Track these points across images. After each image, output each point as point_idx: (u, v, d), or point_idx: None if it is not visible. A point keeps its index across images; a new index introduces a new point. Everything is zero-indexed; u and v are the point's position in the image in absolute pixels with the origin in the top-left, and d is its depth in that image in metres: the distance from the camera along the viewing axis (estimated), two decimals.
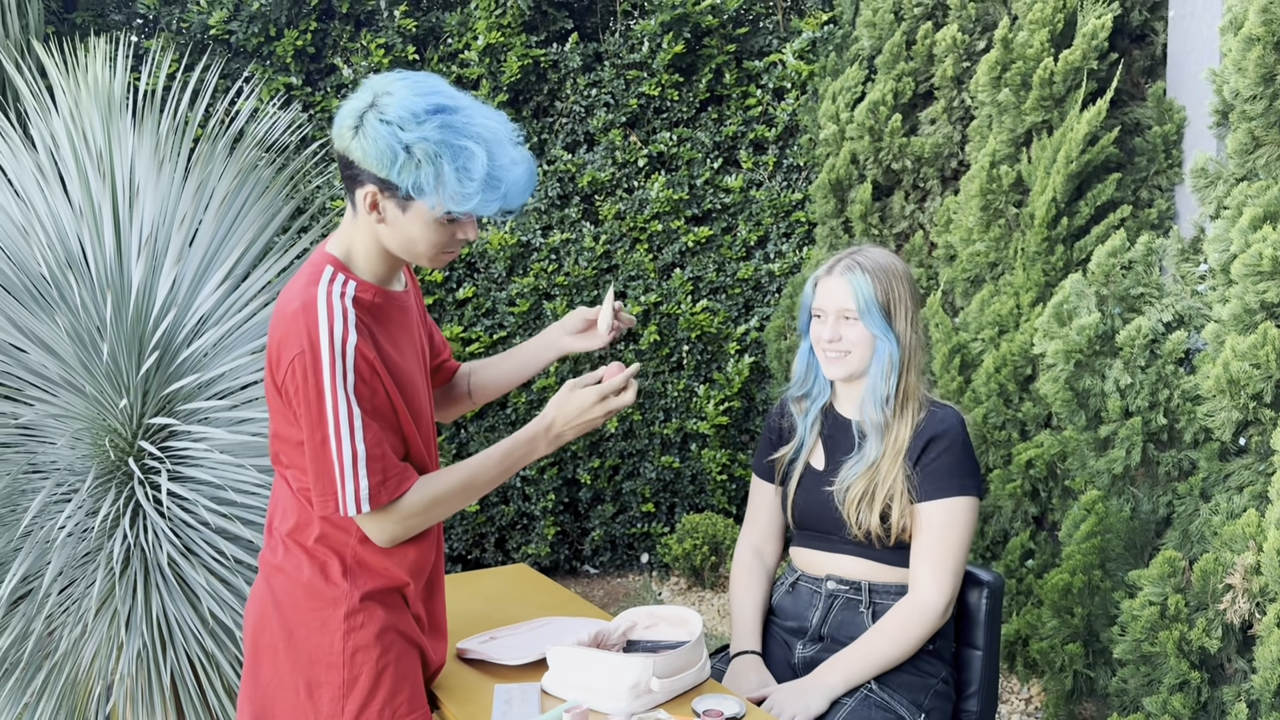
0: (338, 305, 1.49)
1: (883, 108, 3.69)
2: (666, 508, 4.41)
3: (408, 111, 1.44)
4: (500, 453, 1.60)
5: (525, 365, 1.91)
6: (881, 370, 1.89)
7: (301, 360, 1.47)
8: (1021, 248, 3.20)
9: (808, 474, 1.97)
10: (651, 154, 4.22)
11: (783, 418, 2.07)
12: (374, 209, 1.50)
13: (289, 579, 1.57)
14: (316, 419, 1.47)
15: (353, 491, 1.48)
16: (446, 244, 1.54)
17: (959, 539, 1.82)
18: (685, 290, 4.23)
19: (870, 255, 1.94)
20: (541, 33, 4.14)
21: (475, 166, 1.45)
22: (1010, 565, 3.13)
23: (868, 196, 3.73)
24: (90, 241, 2.24)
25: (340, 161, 1.52)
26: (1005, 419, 3.15)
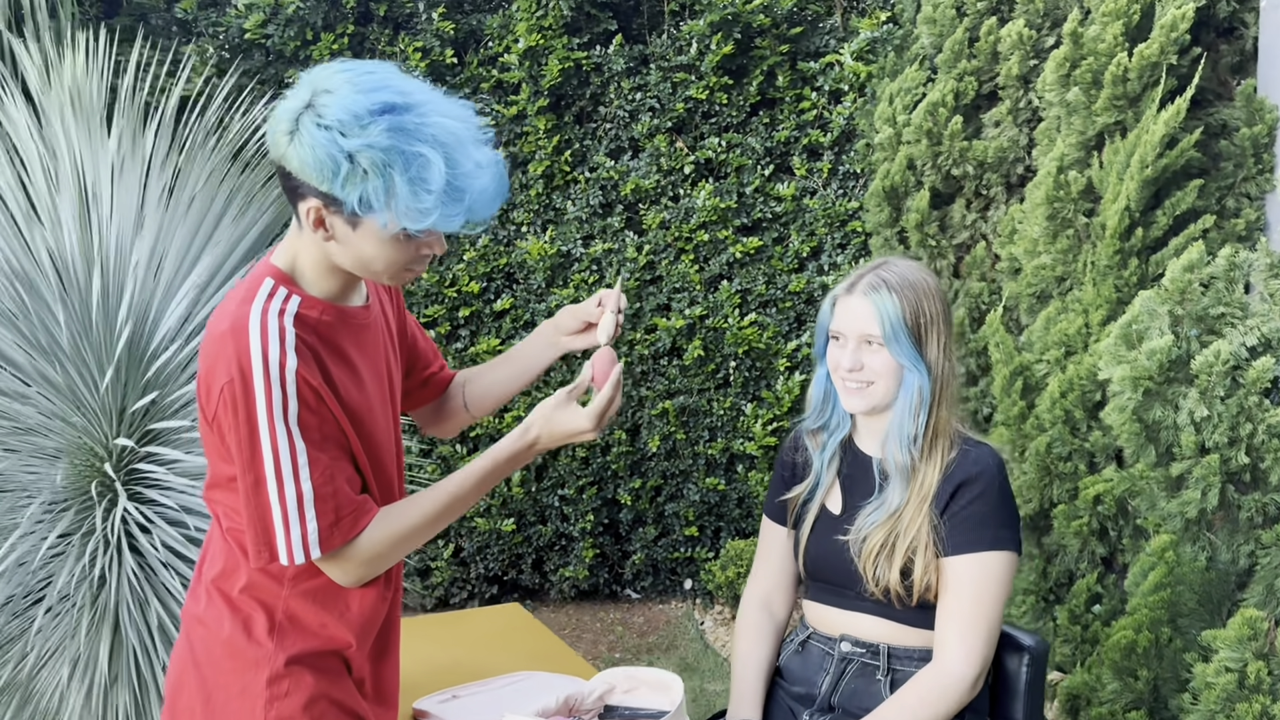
0: (274, 325, 1.31)
1: (942, 109, 3.43)
2: (711, 532, 4.20)
3: (349, 113, 1.25)
4: (479, 473, 1.42)
5: (524, 371, 1.72)
6: (909, 405, 1.66)
7: (231, 389, 1.29)
8: (1091, 261, 2.92)
9: (823, 518, 1.75)
10: (699, 160, 4.02)
11: (796, 452, 1.84)
12: (319, 226, 1.33)
13: (209, 634, 1.40)
14: (250, 458, 1.30)
15: (299, 537, 1.31)
16: (408, 261, 1.36)
17: (992, 599, 1.58)
18: (733, 303, 4.01)
19: (898, 270, 1.70)
20: (584, 35, 3.98)
21: (432, 176, 1.24)
22: (1075, 611, 2.84)
23: (925, 205, 3.47)
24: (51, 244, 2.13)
25: (279, 174, 1.34)
26: (1071, 449, 2.87)
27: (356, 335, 1.44)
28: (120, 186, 2.19)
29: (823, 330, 1.73)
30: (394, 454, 1.51)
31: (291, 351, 1.30)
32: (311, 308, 1.38)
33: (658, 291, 4.05)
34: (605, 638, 3.97)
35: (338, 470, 1.34)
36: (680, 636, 3.95)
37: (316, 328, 1.37)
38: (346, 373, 1.40)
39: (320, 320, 1.38)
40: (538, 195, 3.99)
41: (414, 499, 1.41)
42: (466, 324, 4.05)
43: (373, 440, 1.43)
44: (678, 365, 4.05)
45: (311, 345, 1.35)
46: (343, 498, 1.34)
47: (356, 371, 1.42)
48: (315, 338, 1.36)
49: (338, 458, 1.35)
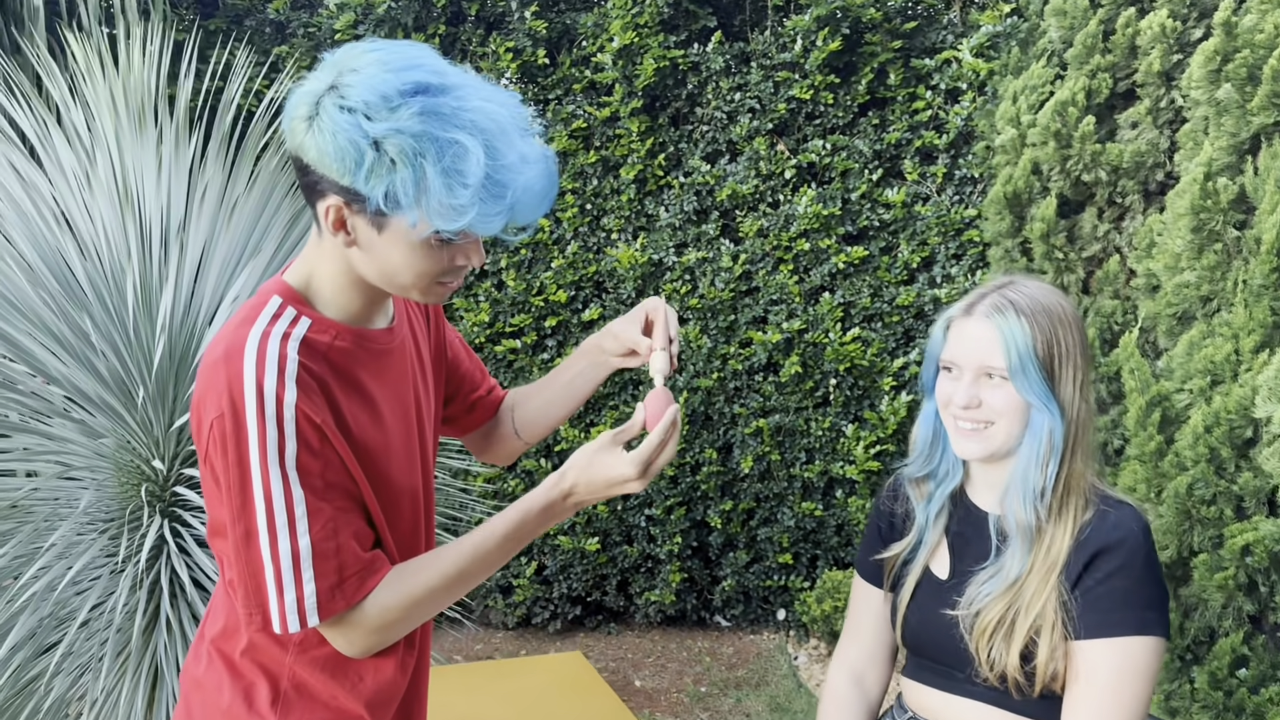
0: (273, 351, 1.14)
1: (1072, 109, 3.11)
2: (807, 560, 3.94)
3: (376, 94, 1.07)
4: (506, 528, 1.21)
5: (572, 393, 1.51)
6: (1037, 453, 1.40)
7: (221, 425, 1.12)
8: (1243, 279, 2.57)
9: (926, 583, 1.50)
10: (801, 164, 3.78)
11: (896, 502, 1.59)
12: (340, 228, 1.15)
13: (207, 700, 1.24)
14: (240, 506, 1.12)
15: (293, 601, 1.14)
16: (441, 272, 1.17)
17: (1134, 695, 1.32)
18: (834, 317, 3.76)
19: (1027, 291, 1.45)
20: (682, 32, 3.78)
21: (469, 167, 1.07)
22: (1216, 674, 2.51)
23: (1051, 213, 3.16)
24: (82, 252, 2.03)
25: (296, 167, 1.17)
26: (1216, 491, 2.54)
27: (377, 362, 1.26)
28: (163, 190, 2.07)
29: (933, 359, 1.49)
30: (419, 498, 1.33)
31: (291, 383, 1.13)
32: (324, 331, 1.20)
33: (754, 303, 3.82)
34: (691, 668, 3.76)
35: (343, 523, 1.16)
36: (771, 671, 3.70)
37: (328, 354, 1.20)
38: (361, 406, 1.22)
39: (333, 346, 1.21)
40: (629, 201, 3.81)
41: (431, 557, 1.22)
42: (553, 334, 3.90)
43: (389, 485, 1.25)
44: (773, 382, 3.81)
45: (319, 375, 1.17)
46: (347, 555, 1.16)
47: (373, 404, 1.24)
48: (325, 366, 1.19)
49: (344, 509, 1.17)
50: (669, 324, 1.36)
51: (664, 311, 1.37)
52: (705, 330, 3.82)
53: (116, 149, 1.99)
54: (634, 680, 3.67)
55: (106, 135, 2.02)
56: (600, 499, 1.22)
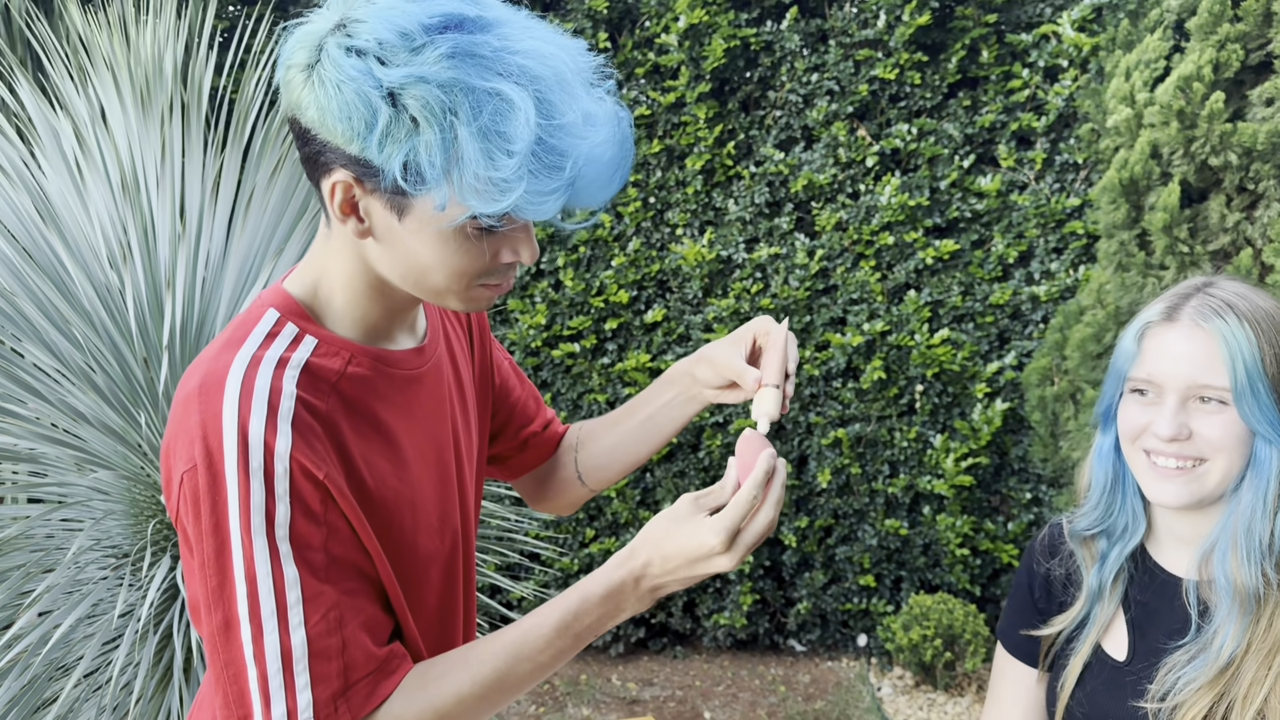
0: (263, 383, 0.89)
1: (1198, 84, 2.77)
2: (891, 582, 3.63)
3: (394, 30, 0.81)
4: (556, 623, 0.93)
5: (653, 430, 1.21)
6: (1263, 496, 1.10)
7: (193, 481, 0.87)
8: None
9: (1098, 666, 1.20)
10: (884, 151, 3.46)
11: (1055, 560, 1.29)
12: (350, 212, 0.89)
13: None
14: (218, 585, 0.87)
15: (283, 714, 0.88)
16: (483, 271, 0.91)
17: None
18: (921, 317, 3.44)
19: (1236, 291, 1.15)
20: (754, 9, 3.49)
21: (516, 129, 0.80)
22: None
23: (1174, 201, 2.82)
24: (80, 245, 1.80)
25: (293, 131, 0.91)
26: None
27: (403, 394, 0.99)
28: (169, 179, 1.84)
29: (1119, 378, 1.18)
30: (451, 567, 1.06)
31: (285, 425, 0.87)
32: (334, 354, 0.94)
33: (831, 303, 3.52)
34: (765, 698, 3.47)
35: (350, 611, 0.90)
36: (853, 704, 3.40)
37: (339, 385, 0.94)
38: (382, 453, 0.96)
39: (345, 374, 0.95)
40: (695, 194, 3.53)
41: (462, 655, 0.95)
42: (614, 337, 3.63)
43: (415, 553, 0.99)
44: (853, 388, 3.50)
45: (325, 414, 0.91)
46: (355, 653, 0.90)
47: (398, 448, 0.98)
48: (335, 400, 0.93)
49: (352, 591, 0.91)
50: (787, 352, 1.07)
51: (782, 336, 1.07)
52: None
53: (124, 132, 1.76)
54: (703, 711, 3.40)
55: (109, 114, 1.79)
56: (681, 582, 0.93)
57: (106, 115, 1.84)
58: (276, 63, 0.92)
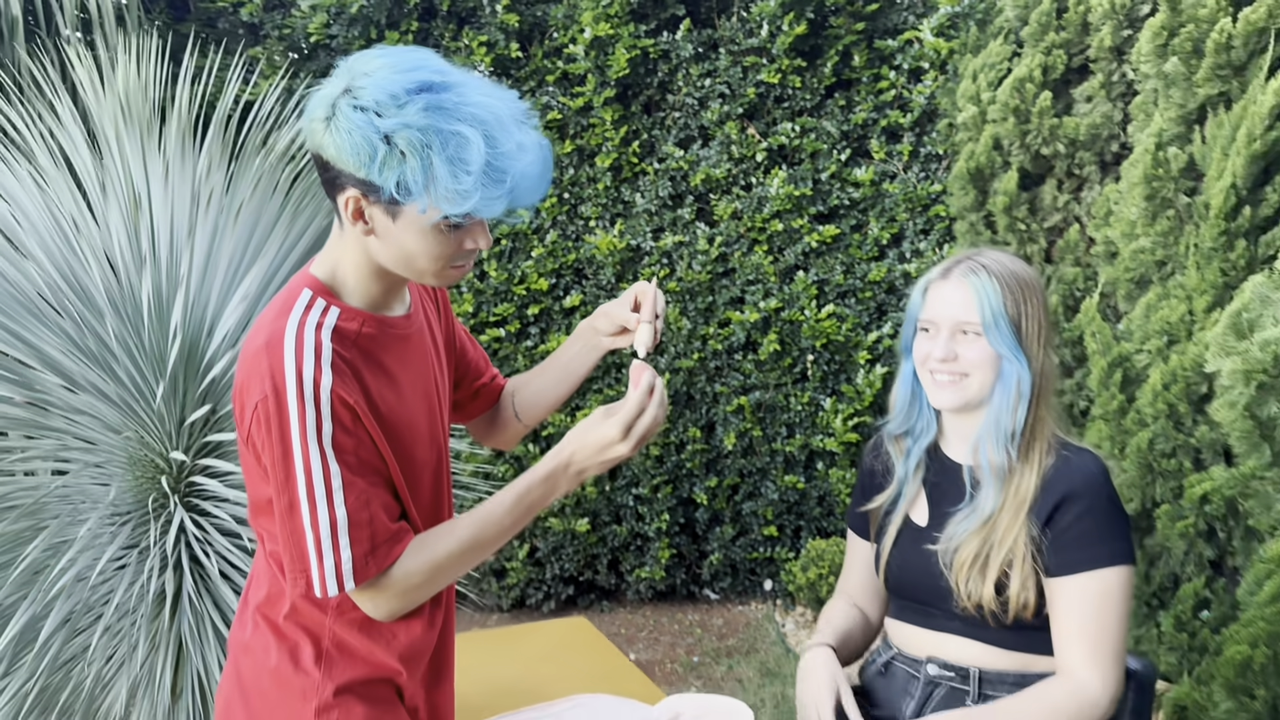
0: (310, 339, 1.25)
1: (1030, 85, 3.24)
2: (791, 531, 4.07)
3: (385, 93, 1.17)
4: (513, 497, 1.31)
5: (567, 375, 1.60)
6: (1008, 400, 1.53)
7: (265, 407, 1.22)
8: (1194, 243, 2.71)
9: (907, 530, 1.62)
10: (771, 147, 3.89)
11: (877, 459, 1.72)
12: (359, 218, 1.25)
13: (256, 662, 1.35)
14: (284, 479, 1.23)
15: (332, 567, 1.24)
16: (453, 256, 1.27)
17: (1116, 618, 1.45)
18: (809, 295, 3.87)
19: (995, 258, 1.58)
20: (651, 21, 3.87)
21: (471, 155, 1.17)
22: (1181, 617, 2.66)
23: (1013, 186, 3.29)
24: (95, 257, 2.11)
25: (316, 164, 1.27)
26: (1175, 445, 2.68)
27: (399, 346, 1.36)
28: (170, 194, 2.16)
29: (911, 320, 1.60)
30: (438, 474, 1.43)
31: (327, 368, 1.23)
32: (351, 319, 1.30)
33: (731, 284, 3.94)
34: (684, 640, 3.88)
35: (373, 496, 1.26)
36: (761, 639, 3.83)
37: (357, 341, 1.30)
38: (387, 387, 1.32)
39: (361, 333, 1.31)
40: (605, 189, 3.91)
41: (448, 526, 1.32)
42: (536, 322, 3.99)
43: (412, 460, 1.35)
44: (753, 360, 3.93)
45: (350, 360, 1.27)
46: (378, 525, 1.26)
47: (398, 385, 1.34)
48: (355, 351, 1.29)
49: (374, 483, 1.27)
50: (656, 302, 1.46)
51: (652, 292, 1.47)
52: (684, 312, 3.93)
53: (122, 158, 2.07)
54: (629, 654, 3.78)
55: (113, 145, 2.10)
56: (596, 466, 1.30)
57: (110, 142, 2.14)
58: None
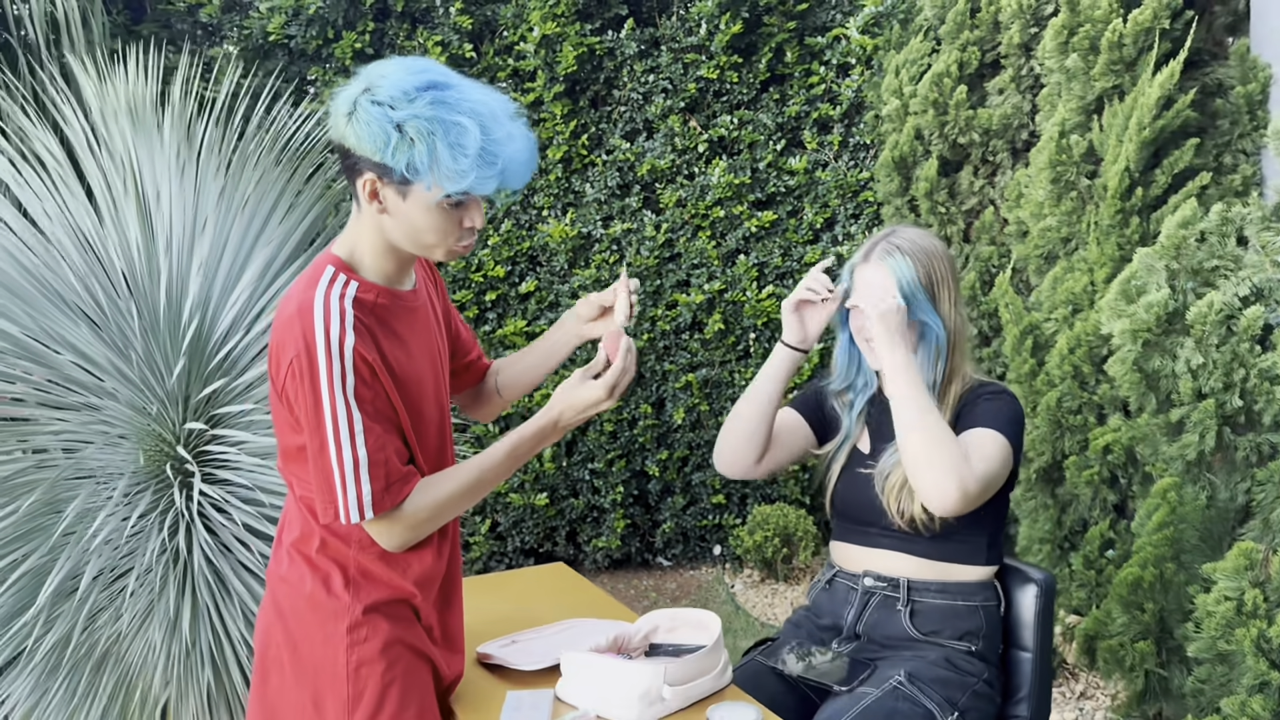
0: (335, 306, 1.46)
1: (947, 79, 3.54)
2: (738, 499, 4.34)
3: (399, 90, 1.41)
4: (507, 448, 1.55)
5: (548, 357, 1.85)
6: (928, 356, 1.80)
7: (298, 363, 1.43)
8: (1095, 221, 3.03)
9: (852, 459, 1.89)
10: (712, 139, 4.14)
11: (823, 404, 1.99)
12: (374, 198, 1.47)
13: (293, 590, 1.56)
14: (315, 424, 1.45)
15: (354, 498, 1.46)
16: (454, 232, 1.50)
17: (996, 460, 1.71)
18: (750, 277, 4.14)
19: (907, 236, 1.84)
20: (596, 20, 4.10)
21: (468, 142, 1.40)
22: (1089, 556, 2.98)
23: (934, 173, 3.59)
24: (118, 247, 2.29)
25: (339, 153, 1.49)
26: (1081, 402, 3.00)
27: (409, 316, 1.58)
28: (178, 190, 2.34)
29: (842, 298, 1.87)
30: (441, 427, 1.65)
31: (350, 330, 1.45)
32: (368, 291, 1.52)
33: (677, 268, 4.19)
34: (640, 604, 4.13)
35: (387, 441, 1.48)
36: (711, 600, 4.10)
37: (374, 309, 1.52)
38: (399, 349, 1.54)
39: (376, 303, 1.53)
40: (557, 179, 4.13)
41: (451, 470, 1.55)
42: (493, 307, 4.20)
43: (420, 414, 1.57)
44: (699, 339, 4.19)
45: (369, 325, 1.49)
46: (392, 466, 1.48)
47: (408, 348, 1.56)
48: (373, 318, 1.51)
49: (388, 430, 1.49)
50: (631, 285, 1.72)
51: (625, 279, 1.74)
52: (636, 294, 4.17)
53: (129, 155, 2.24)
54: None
55: (126, 144, 2.27)
56: (581, 420, 1.56)
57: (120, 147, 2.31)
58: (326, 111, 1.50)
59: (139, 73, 2.37)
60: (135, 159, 2.26)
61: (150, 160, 2.32)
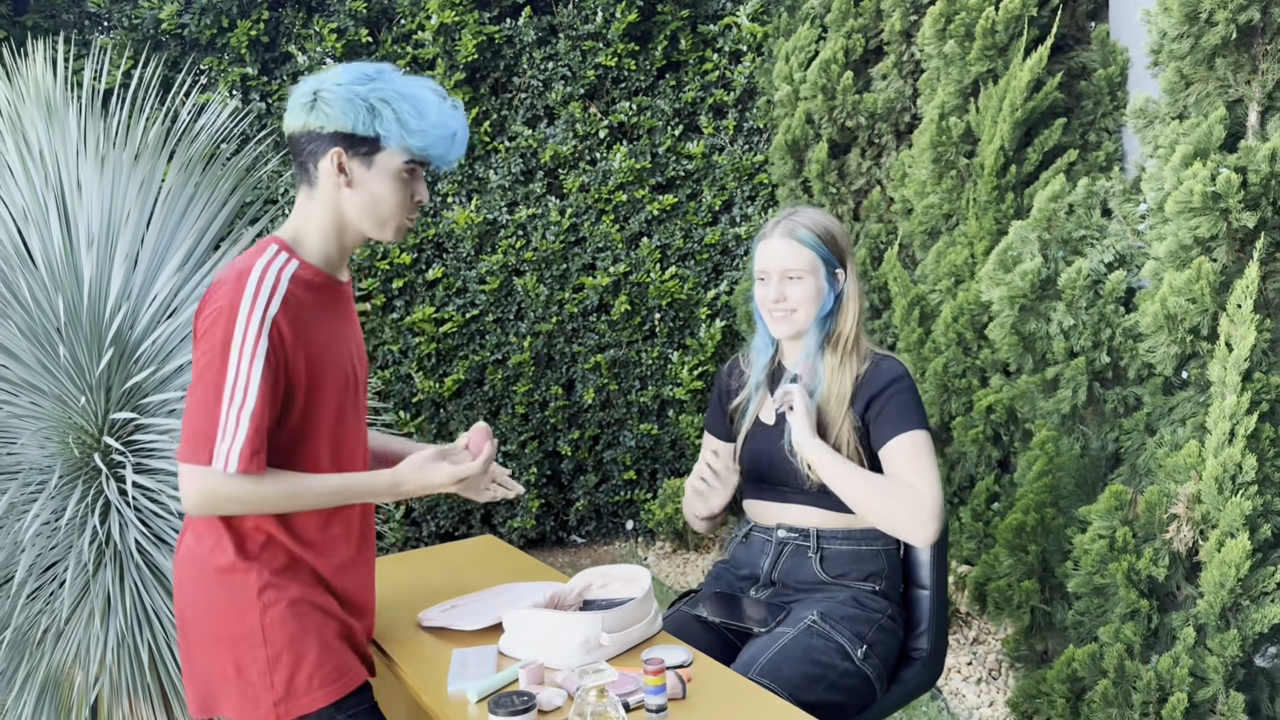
0: (271, 277, 1.55)
1: (834, 66, 3.71)
2: (648, 474, 4.48)
3: (355, 76, 1.57)
4: (336, 485, 1.60)
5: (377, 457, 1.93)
6: (822, 317, 1.95)
7: (217, 316, 1.52)
8: (973, 198, 3.24)
9: (757, 428, 2.03)
10: (612, 124, 4.25)
11: (730, 377, 2.12)
12: (340, 172, 1.58)
13: (201, 566, 1.61)
14: (216, 371, 1.50)
15: (226, 448, 1.51)
16: (406, 204, 1.62)
17: (927, 458, 1.87)
18: (653, 259, 4.27)
19: (807, 214, 1.99)
20: (494, 9, 4.16)
21: (428, 109, 1.57)
22: (977, 509, 3.20)
23: (824, 155, 3.77)
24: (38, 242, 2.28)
25: (296, 144, 1.60)
26: (965, 367, 3.21)
27: (336, 304, 1.67)
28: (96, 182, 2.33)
29: (751, 271, 2.00)
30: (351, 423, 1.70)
31: (278, 300, 1.54)
32: (307, 270, 1.61)
33: (582, 252, 4.29)
34: None
35: (268, 413, 1.54)
36: None
37: (309, 287, 1.60)
38: (326, 333, 1.62)
39: (314, 282, 1.61)
40: (461, 166, 4.18)
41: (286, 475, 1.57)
42: (400, 294, 4.24)
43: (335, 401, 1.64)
44: (606, 320, 4.30)
45: (300, 300, 1.58)
46: (264, 436, 1.54)
47: (335, 336, 1.65)
48: (306, 294, 1.59)
49: (271, 401, 1.55)
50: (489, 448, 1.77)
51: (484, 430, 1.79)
52: (541, 279, 4.26)
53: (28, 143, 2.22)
54: None
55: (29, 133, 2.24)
56: (420, 494, 1.67)
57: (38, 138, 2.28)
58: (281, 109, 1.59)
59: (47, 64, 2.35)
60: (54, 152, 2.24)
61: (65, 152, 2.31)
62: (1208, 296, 2.25)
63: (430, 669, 1.66)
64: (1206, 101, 2.39)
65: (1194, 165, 2.27)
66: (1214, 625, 2.16)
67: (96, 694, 2.25)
